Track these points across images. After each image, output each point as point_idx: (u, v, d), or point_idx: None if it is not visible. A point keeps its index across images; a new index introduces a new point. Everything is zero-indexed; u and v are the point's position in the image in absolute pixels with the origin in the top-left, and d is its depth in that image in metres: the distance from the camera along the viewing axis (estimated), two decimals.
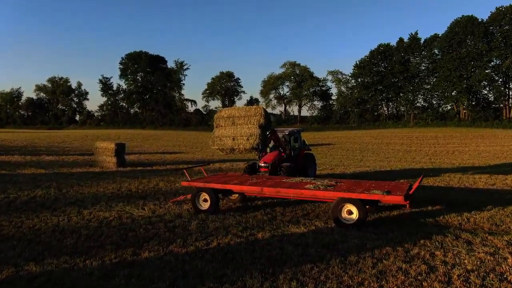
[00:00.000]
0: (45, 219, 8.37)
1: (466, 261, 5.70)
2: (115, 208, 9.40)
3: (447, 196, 10.59)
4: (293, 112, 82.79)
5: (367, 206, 7.72)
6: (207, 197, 8.86)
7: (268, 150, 12.05)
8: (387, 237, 6.88)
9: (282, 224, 7.79)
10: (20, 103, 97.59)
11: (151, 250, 6.37)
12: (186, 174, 10.00)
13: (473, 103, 56.73)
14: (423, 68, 63.58)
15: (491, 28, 57.42)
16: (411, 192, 7.58)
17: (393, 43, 67.68)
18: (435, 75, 61.59)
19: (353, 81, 71.34)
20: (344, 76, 74.98)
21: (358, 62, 69.22)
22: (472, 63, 55.98)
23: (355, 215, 7.48)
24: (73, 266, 5.71)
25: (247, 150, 10.01)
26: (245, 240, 6.82)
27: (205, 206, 8.92)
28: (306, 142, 14.43)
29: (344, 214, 7.59)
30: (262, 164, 11.06)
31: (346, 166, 18.87)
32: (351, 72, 70.82)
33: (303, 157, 12.89)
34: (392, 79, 65.01)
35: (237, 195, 9.65)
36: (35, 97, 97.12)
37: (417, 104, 64.73)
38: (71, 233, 7.37)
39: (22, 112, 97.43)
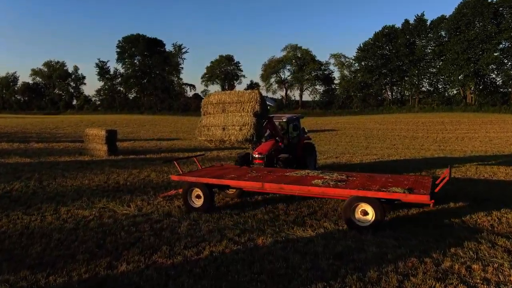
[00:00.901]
0: (15, 219, 7.34)
1: None
2: (98, 205, 8.37)
3: (467, 190, 9.53)
4: (294, 96, 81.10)
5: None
6: (201, 193, 7.81)
7: (263, 140, 10.79)
8: (409, 243, 5.84)
9: (286, 226, 6.75)
10: (16, 88, 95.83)
11: (130, 260, 5.34)
12: (177, 166, 8.92)
13: (480, 87, 55.03)
14: (429, 51, 61.54)
15: (501, 9, 55.12)
16: (437, 190, 6.50)
17: (399, 25, 65.39)
18: (442, 58, 59.66)
19: (356, 64, 69.38)
20: (347, 60, 72.93)
21: (362, 45, 67.13)
22: (481, 45, 53.99)
23: (370, 216, 6.43)
24: (32, 284, 4.69)
25: (240, 142, 8.67)
26: (243, 247, 5.78)
27: (198, 203, 7.87)
28: (306, 130, 13.05)
29: (358, 215, 6.54)
30: (256, 155, 9.78)
31: (351, 154, 17.79)
32: (355, 55, 68.85)
33: (302, 147, 11.58)
34: (396, 63, 63.10)
35: (234, 189, 8.60)
36: (31, 82, 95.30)
37: (422, 88, 63.06)
38: (40, 237, 6.34)
39: (18, 97, 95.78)
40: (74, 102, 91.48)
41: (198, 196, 7.88)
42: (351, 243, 5.87)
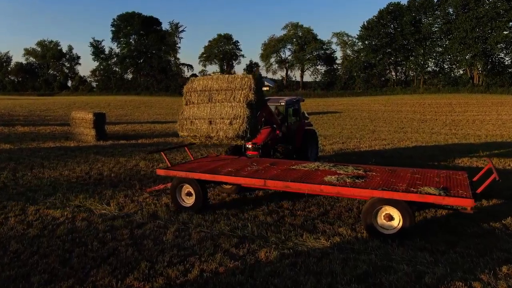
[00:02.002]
0: None
1: None
2: (73, 202, 7.21)
3: (497, 184, 8.32)
4: (295, 77, 79.17)
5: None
6: (191, 190, 6.63)
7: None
8: (448, 258, 4.70)
9: (293, 232, 5.61)
10: (9, 68, 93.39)
11: (98, 284, 4.21)
12: (165, 158, 7.68)
13: (488, 67, 53.06)
14: (436, 29, 59.17)
15: None
16: (479, 190, 5.31)
17: (404, 2, 62.82)
18: (449, 37, 57.39)
19: (359, 43, 67.09)
20: (350, 39, 70.59)
21: (365, 23, 64.69)
22: (490, 23, 51.66)
23: (397, 221, 5.28)
24: None
25: (230, 139, 7.02)
26: (242, 264, 4.64)
27: (189, 201, 6.71)
28: (307, 115, 11.38)
29: (381, 220, 5.38)
30: (250, 146, 8.42)
31: (359, 139, 16.56)
32: (358, 34, 66.46)
33: (302, 135, 9.94)
34: (401, 42, 60.85)
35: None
36: (24, 62, 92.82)
37: (428, 68, 61.03)
38: None
39: (12, 78, 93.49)
40: (69, 83, 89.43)
41: (188, 194, 6.71)
42: (375, 258, 4.73)
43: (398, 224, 5.27)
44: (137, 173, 9.66)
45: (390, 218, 5.33)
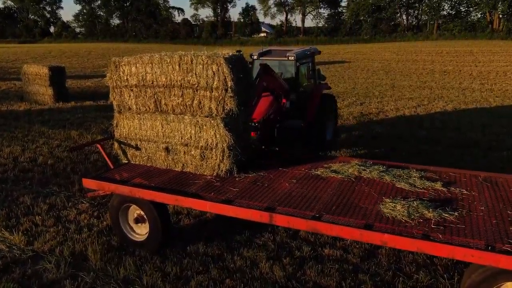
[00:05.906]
0: None
1: None
2: None
3: None
4: (295, 22, 72.87)
5: None
6: (144, 214, 3.89)
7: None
8: None
9: None
10: None
11: None
12: (104, 154, 4.77)
13: (510, 10, 47.64)
14: None
15: None
16: None
17: None
18: None
19: None
20: None
21: None
22: None
23: None
24: None
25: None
26: None
27: (141, 232, 4.04)
28: (323, 73, 7.76)
29: None
30: None
31: (379, 98, 13.54)
32: None
33: (318, 102, 6.76)
34: None
35: None
36: (1, 6, 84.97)
37: (443, 12, 55.24)
38: None
39: None
40: (52, 29, 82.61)
41: (139, 220, 3.98)
42: None
43: None
44: (85, 159, 6.85)
45: None
